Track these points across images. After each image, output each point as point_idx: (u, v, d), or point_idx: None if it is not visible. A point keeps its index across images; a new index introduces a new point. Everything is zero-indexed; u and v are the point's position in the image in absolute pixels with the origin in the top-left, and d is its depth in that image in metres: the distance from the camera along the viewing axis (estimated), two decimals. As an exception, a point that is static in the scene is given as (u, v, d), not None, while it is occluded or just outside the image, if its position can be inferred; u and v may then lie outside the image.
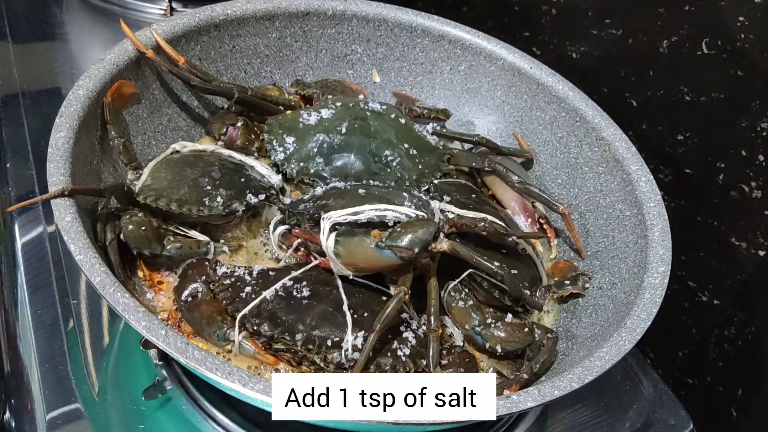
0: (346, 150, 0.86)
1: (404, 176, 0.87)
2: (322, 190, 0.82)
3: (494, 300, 0.77)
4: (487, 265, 0.72)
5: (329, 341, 0.69)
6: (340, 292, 0.73)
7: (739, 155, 0.91)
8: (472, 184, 0.92)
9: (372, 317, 0.70)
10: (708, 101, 0.93)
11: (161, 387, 0.74)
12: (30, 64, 1.10)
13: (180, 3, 1.22)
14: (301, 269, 0.75)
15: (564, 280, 0.83)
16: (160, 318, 0.72)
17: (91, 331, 0.79)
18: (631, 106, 1.04)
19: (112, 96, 0.80)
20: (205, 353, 0.58)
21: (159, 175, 0.79)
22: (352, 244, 0.70)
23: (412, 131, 0.92)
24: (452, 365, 0.72)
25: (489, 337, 0.74)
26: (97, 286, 0.61)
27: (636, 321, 0.69)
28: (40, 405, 0.72)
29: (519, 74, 0.98)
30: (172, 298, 0.74)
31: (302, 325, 0.70)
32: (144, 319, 0.59)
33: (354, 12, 0.99)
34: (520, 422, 0.80)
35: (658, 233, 0.78)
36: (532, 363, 0.72)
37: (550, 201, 0.86)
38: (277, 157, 0.88)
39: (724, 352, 0.98)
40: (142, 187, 0.77)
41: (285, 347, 0.70)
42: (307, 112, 0.90)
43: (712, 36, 0.91)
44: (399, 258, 0.68)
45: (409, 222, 0.70)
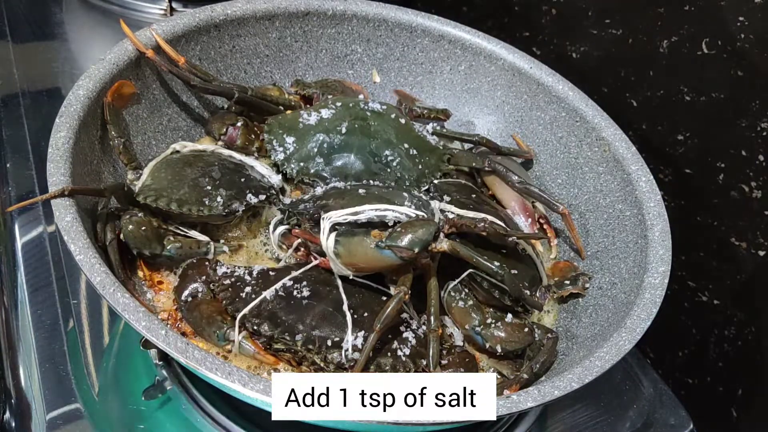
0: (346, 150, 0.86)
1: (404, 176, 0.87)
2: (322, 190, 0.82)
3: (494, 300, 0.77)
4: (487, 265, 0.72)
5: (329, 341, 0.69)
6: (340, 292, 0.73)
7: (739, 155, 0.91)
8: (472, 184, 0.92)
9: (372, 317, 0.70)
10: (708, 101, 0.93)
11: (161, 387, 0.74)
12: (30, 64, 1.10)
13: (180, 3, 1.22)
14: (301, 269, 0.75)
15: (564, 280, 0.83)
16: (160, 318, 0.72)
17: (91, 331, 0.79)
18: (631, 106, 1.04)
19: (112, 96, 0.80)
20: (205, 353, 0.58)
21: (159, 175, 0.79)
22: (352, 244, 0.70)
23: (412, 131, 0.92)
24: (452, 365, 0.72)
25: (489, 337, 0.74)
26: (97, 286, 0.61)
27: (636, 321, 0.69)
28: (40, 405, 0.72)
29: (519, 74, 0.98)
30: (172, 298, 0.74)
31: (302, 325, 0.70)
32: (144, 319, 0.59)
33: (354, 12, 0.99)
34: (520, 422, 0.80)
35: (658, 233, 0.78)
36: (532, 363, 0.72)
37: (550, 201, 0.86)
38: (277, 157, 0.88)
39: (724, 352, 0.98)
40: (142, 187, 0.77)
41: (285, 347, 0.70)
42: (307, 112, 0.90)
43: (712, 36, 0.91)
44: (399, 258, 0.68)
45: (409, 222, 0.70)
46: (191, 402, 0.74)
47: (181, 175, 0.79)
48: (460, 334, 0.77)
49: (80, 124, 0.74)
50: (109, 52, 0.82)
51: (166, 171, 0.79)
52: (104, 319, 0.81)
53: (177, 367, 0.75)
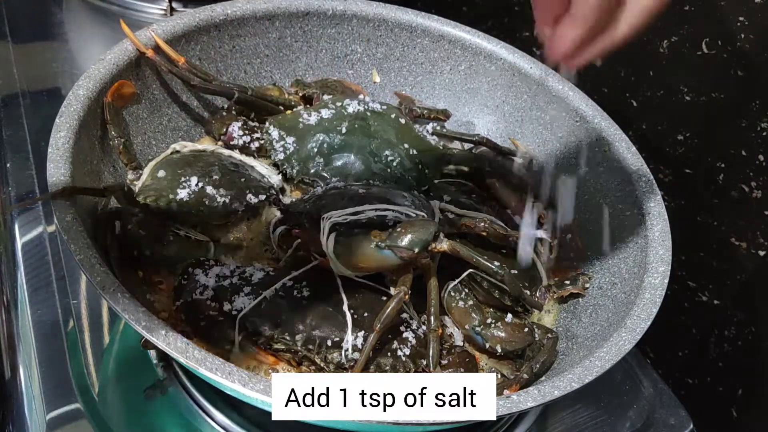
0: (347, 150, 0.86)
1: (404, 176, 0.87)
2: (322, 190, 0.82)
3: (494, 300, 0.77)
4: (488, 265, 0.72)
5: (329, 341, 0.69)
6: (340, 292, 0.73)
7: (739, 155, 0.91)
8: (472, 184, 0.92)
9: (372, 317, 0.70)
10: (708, 101, 0.93)
11: (161, 387, 0.74)
12: (30, 64, 1.10)
13: (180, 3, 1.22)
14: (301, 269, 0.75)
15: (564, 280, 0.83)
16: (160, 318, 0.72)
17: (91, 331, 0.79)
18: (631, 106, 1.04)
19: (112, 96, 0.80)
20: (205, 353, 0.58)
21: (159, 175, 0.79)
22: (352, 244, 0.70)
23: (412, 131, 0.92)
24: (452, 365, 0.72)
25: (489, 337, 0.74)
26: (97, 286, 0.60)
27: (636, 321, 0.69)
28: (40, 405, 0.72)
29: (519, 74, 0.98)
30: (172, 298, 0.74)
31: (302, 325, 0.69)
32: (144, 319, 0.59)
33: (354, 12, 0.99)
34: (520, 422, 0.80)
35: (658, 233, 0.78)
36: (532, 363, 0.72)
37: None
38: (277, 157, 0.88)
39: (724, 352, 0.98)
40: (143, 187, 0.77)
41: (285, 347, 0.70)
42: (307, 112, 0.90)
43: (712, 36, 0.91)
44: (399, 258, 0.68)
45: (409, 222, 0.70)
46: (191, 402, 0.74)
47: (182, 176, 0.79)
48: (460, 334, 0.77)
49: (80, 124, 0.73)
50: (109, 52, 0.82)
51: (166, 171, 0.79)
52: (104, 319, 0.81)
53: (177, 367, 0.75)
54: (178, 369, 0.75)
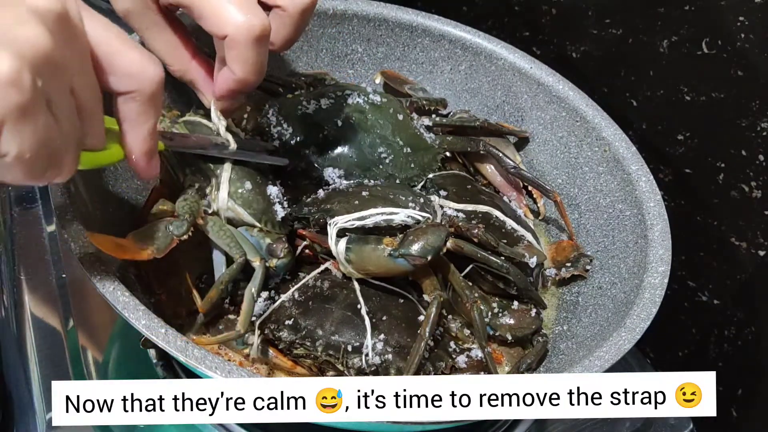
0: (341, 143, 0.85)
1: (395, 174, 0.86)
2: (324, 193, 0.81)
3: (499, 290, 0.77)
4: (493, 259, 0.72)
5: (349, 346, 0.69)
6: (357, 296, 0.73)
7: (739, 155, 0.91)
8: (464, 172, 0.92)
9: (390, 321, 0.70)
10: (708, 101, 0.93)
11: (161, 386, 0.74)
12: (30, 64, 1.10)
13: (180, 3, 1.22)
14: (315, 272, 0.75)
15: (565, 261, 0.83)
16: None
17: (91, 331, 0.79)
18: (631, 106, 1.04)
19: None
20: (205, 352, 0.58)
21: (246, 186, 0.73)
22: (364, 251, 0.70)
23: (409, 128, 0.90)
24: (470, 369, 0.72)
25: (498, 326, 0.74)
26: (97, 285, 0.60)
27: (636, 321, 0.69)
28: (40, 405, 0.72)
29: (519, 74, 0.98)
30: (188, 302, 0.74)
31: (322, 330, 0.70)
32: (144, 317, 0.59)
33: (354, 11, 0.99)
34: (521, 422, 0.80)
35: (658, 233, 0.78)
36: (519, 363, 0.73)
37: (543, 186, 0.89)
38: (272, 142, 0.86)
39: (724, 352, 0.98)
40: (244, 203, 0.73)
41: (306, 353, 0.70)
42: (306, 99, 0.88)
43: (712, 36, 0.90)
44: (412, 265, 0.69)
45: (420, 229, 0.70)
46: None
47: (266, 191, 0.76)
48: (478, 348, 0.76)
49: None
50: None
51: (251, 182, 0.75)
52: (104, 318, 0.81)
53: (177, 366, 0.75)
54: (178, 368, 0.75)
